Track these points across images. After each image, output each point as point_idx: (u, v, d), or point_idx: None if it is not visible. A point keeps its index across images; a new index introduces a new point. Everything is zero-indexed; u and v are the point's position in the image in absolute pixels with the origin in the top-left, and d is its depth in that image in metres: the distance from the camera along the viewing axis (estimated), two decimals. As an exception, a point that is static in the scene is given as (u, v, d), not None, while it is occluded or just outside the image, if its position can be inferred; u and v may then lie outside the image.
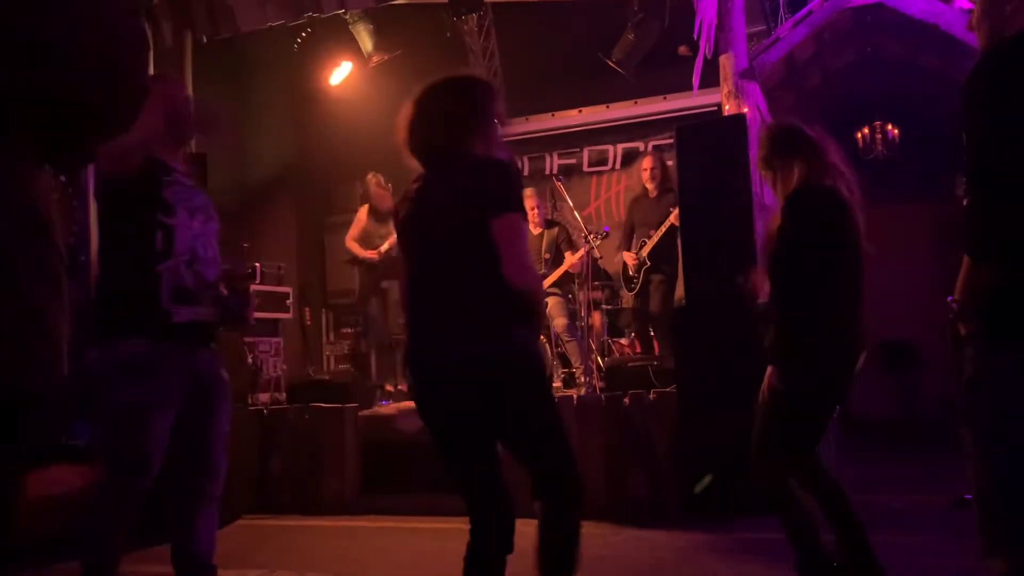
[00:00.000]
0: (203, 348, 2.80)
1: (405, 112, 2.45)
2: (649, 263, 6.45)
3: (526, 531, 2.33)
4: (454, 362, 2.23)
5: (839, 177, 3.01)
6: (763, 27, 7.13)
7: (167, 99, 2.76)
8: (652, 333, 6.59)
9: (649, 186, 6.59)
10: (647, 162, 6.67)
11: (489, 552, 2.30)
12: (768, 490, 2.96)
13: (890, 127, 8.54)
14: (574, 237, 6.71)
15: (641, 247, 6.48)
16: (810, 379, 2.88)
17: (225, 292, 2.86)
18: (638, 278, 6.49)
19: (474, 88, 2.46)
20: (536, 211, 6.67)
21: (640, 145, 8.31)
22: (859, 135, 8.63)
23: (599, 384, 5.81)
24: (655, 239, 6.41)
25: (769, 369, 2.93)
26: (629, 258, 6.54)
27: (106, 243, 2.81)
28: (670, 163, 6.38)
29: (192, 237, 2.75)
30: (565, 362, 6.69)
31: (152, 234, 2.67)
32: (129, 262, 2.69)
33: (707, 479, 4.56)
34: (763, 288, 3.03)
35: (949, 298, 1.92)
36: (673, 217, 6.24)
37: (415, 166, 2.45)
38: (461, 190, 2.27)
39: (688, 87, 6.25)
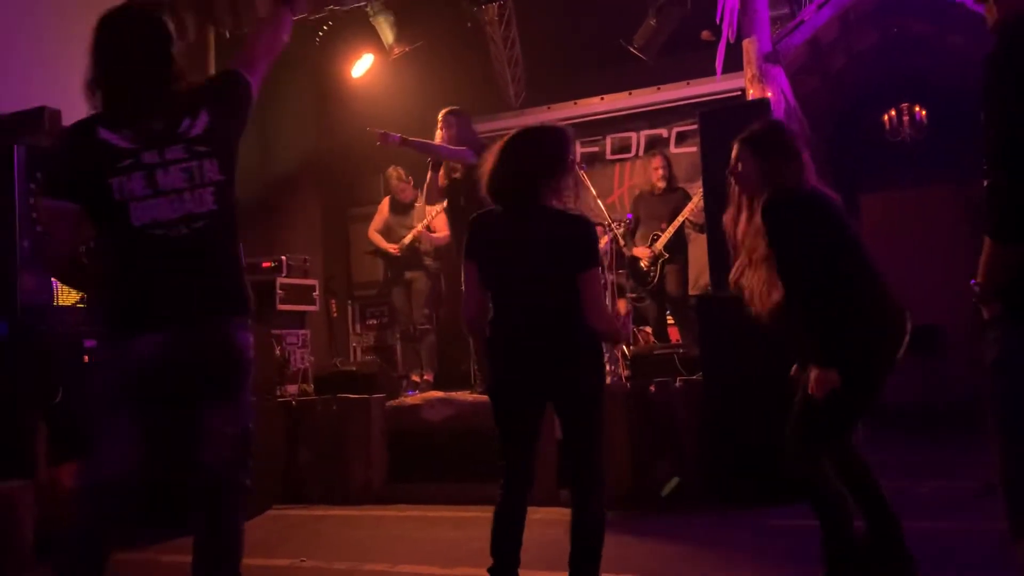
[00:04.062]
0: None
1: (489, 161, 2.88)
2: (667, 255, 6.46)
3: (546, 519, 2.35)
4: (559, 338, 2.75)
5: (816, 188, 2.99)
6: (786, 10, 7.05)
7: None
8: (671, 321, 6.61)
9: (660, 184, 6.66)
10: (658, 162, 6.76)
11: (519, 500, 2.86)
12: (801, 474, 2.92)
13: (917, 108, 8.42)
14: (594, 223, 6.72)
15: (654, 240, 6.48)
16: (855, 372, 2.83)
17: None
18: (655, 271, 6.48)
19: (554, 143, 2.87)
20: (558, 201, 6.68)
21: (664, 131, 8.25)
22: (886, 117, 8.53)
23: (624, 372, 5.80)
24: (670, 232, 6.44)
25: (815, 373, 2.83)
26: (643, 253, 6.51)
27: None
28: (693, 149, 6.36)
29: None
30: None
31: None
32: None
33: (674, 482, 4.62)
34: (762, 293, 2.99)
35: (972, 281, 1.89)
36: (687, 210, 6.36)
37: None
38: (555, 240, 2.78)
39: (711, 72, 6.21)
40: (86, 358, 4.40)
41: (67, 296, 4.57)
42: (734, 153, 3.11)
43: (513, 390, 2.88)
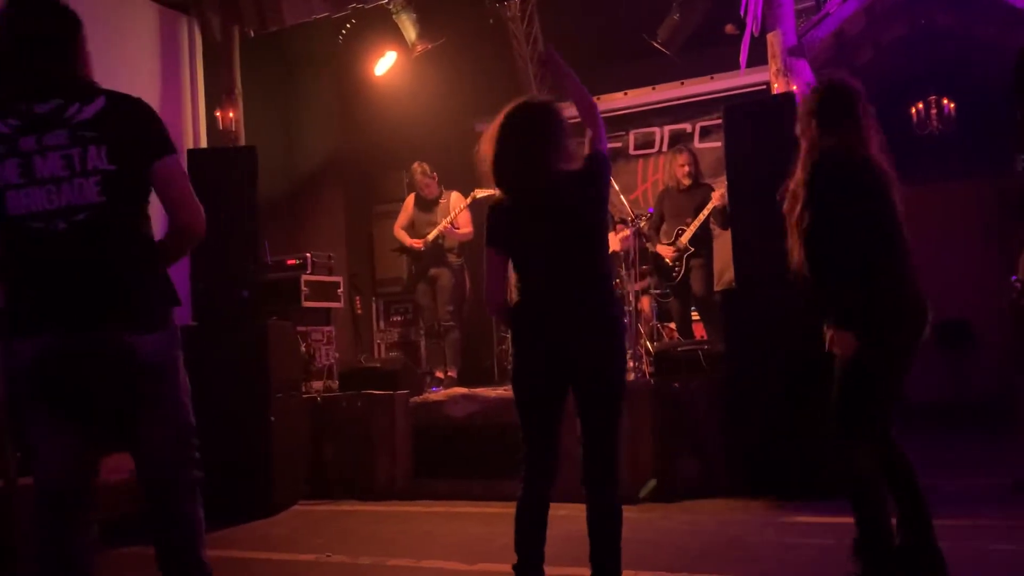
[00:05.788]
0: None
1: (488, 144, 2.85)
2: (692, 249, 6.44)
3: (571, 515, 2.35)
4: (583, 324, 2.75)
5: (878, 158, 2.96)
6: (811, 3, 6.99)
7: None
8: (696, 317, 6.59)
9: (685, 181, 6.60)
10: (684, 158, 6.67)
11: (540, 494, 2.82)
12: (847, 468, 2.90)
13: (946, 101, 8.31)
14: (616, 217, 6.69)
15: (679, 236, 6.46)
16: (880, 343, 2.83)
17: None
18: (680, 267, 6.46)
19: (550, 117, 2.87)
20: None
21: (687, 126, 8.21)
22: (913, 110, 8.41)
23: (648, 369, 5.79)
24: (694, 226, 6.40)
25: (830, 333, 2.87)
26: (666, 251, 6.49)
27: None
28: (717, 144, 6.31)
29: None
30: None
31: None
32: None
33: (651, 484, 4.63)
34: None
35: (1013, 277, 1.87)
36: (714, 201, 6.28)
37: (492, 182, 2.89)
38: (574, 199, 2.81)
39: (735, 66, 6.16)
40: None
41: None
42: (798, 115, 3.15)
43: (536, 369, 2.82)
